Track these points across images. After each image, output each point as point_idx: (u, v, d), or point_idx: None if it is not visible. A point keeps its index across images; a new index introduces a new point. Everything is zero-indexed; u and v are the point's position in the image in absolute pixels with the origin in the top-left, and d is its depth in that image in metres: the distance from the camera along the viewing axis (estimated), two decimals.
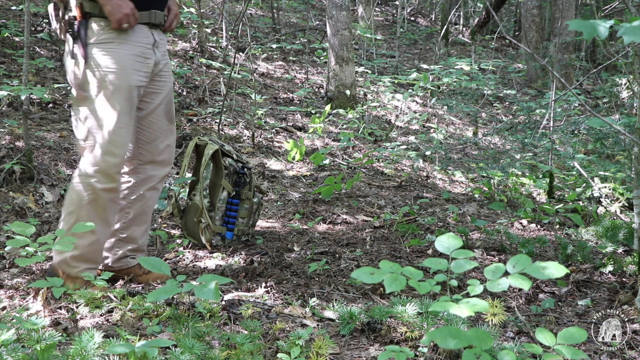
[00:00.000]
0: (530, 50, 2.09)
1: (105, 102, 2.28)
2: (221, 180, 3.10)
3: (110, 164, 2.31)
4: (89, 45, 2.25)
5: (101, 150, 2.29)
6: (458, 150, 5.98)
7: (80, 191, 2.30)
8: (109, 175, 2.31)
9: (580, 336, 1.36)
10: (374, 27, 9.57)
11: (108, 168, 2.30)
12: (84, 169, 2.31)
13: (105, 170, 2.30)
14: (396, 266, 1.38)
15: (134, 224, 2.53)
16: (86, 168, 2.31)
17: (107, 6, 2.23)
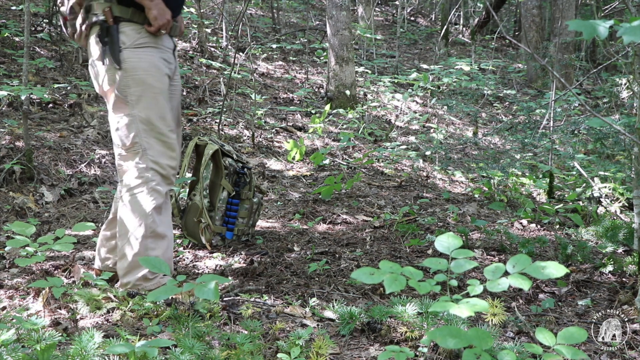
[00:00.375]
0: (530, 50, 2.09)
1: (149, 106, 2.26)
2: (221, 180, 3.10)
3: (168, 166, 2.31)
4: (124, 49, 2.22)
5: (156, 153, 2.27)
6: (458, 150, 5.97)
7: (143, 199, 2.25)
8: (167, 177, 2.31)
9: (580, 336, 1.36)
10: (374, 27, 9.57)
11: (166, 170, 2.30)
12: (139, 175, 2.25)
13: (164, 173, 2.30)
14: (396, 266, 1.39)
15: None
16: (142, 174, 2.25)
17: (153, 10, 2.23)
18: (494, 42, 11.63)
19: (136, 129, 2.25)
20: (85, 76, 5.35)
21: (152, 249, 2.25)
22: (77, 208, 3.58)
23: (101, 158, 4.14)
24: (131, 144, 2.26)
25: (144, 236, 2.25)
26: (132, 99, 2.24)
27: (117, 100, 2.26)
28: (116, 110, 2.28)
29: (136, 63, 2.24)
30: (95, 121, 4.63)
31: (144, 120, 2.26)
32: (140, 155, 2.26)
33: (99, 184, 3.88)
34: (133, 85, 2.23)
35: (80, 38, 2.30)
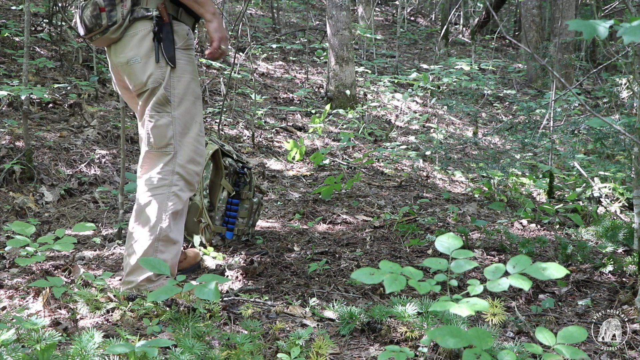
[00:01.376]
0: (530, 50, 2.09)
1: (189, 109, 2.25)
2: (221, 180, 3.10)
3: (194, 173, 2.28)
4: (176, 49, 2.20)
5: (185, 158, 2.25)
6: (458, 150, 5.98)
7: (163, 202, 2.22)
8: (191, 184, 2.29)
9: (580, 335, 1.36)
10: (374, 27, 9.57)
11: (191, 177, 2.28)
12: (164, 177, 2.23)
13: (188, 179, 2.27)
14: (396, 266, 1.39)
15: None
16: (167, 176, 2.23)
17: (214, 22, 2.23)
18: (494, 42, 11.63)
19: (173, 130, 2.23)
20: (85, 76, 5.35)
21: (161, 252, 2.24)
22: (77, 208, 3.58)
23: (101, 158, 4.14)
24: (165, 145, 2.24)
25: (156, 238, 2.23)
26: (175, 100, 2.22)
27: (160, 99, 2.21)
28: (156, 109, 2.23)
29: (184, 65, 2.23)
30: (95, 121, 4.63)
31: (182, 124, 2.24)
32: (171, 157, 2.24)
33: (99, 184, 3.88)
34: (178, 87, 2.22)
35: (118, 31, 2.18)
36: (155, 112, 2.23)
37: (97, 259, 2.81)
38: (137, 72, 2.21)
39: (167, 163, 2.24)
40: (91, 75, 5.25)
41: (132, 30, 2.19)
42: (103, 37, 2.21)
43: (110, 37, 2.20)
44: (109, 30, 2.17)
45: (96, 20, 2.16)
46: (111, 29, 2.17)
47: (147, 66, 2.19)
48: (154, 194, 2.24)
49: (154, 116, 2.23)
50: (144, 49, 2.18)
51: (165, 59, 2.18)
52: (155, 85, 2.20)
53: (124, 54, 2.22)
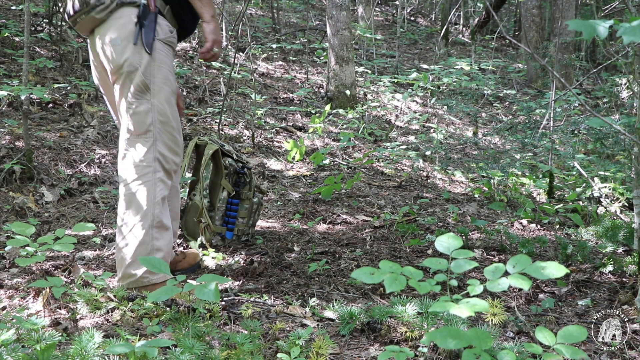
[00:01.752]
0: (530, 50, 2.09)
1: (166, 100, 2.30)
2: (221, 180, 3.09)
3: (172, 162, 2.33)
4: (157, 39, 2.25)
5: (164, 146, 2.29)
6: (458, 150, 5.97)
7: (151, 189, 2.25)
8: (169, 172, 2.34)
9: (580, 335, 1.36)
10: (374, 27, 9.57)
11: (170, 165, 2.32)
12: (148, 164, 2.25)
13: (167, 168, 2.32)
14: (396, 266, 1.39)
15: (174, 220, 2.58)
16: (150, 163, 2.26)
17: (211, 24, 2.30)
18: (494, 42, 11.63)
19: (152, 117, 2.27)
20: (85, 76, 5.35)
21: (157, 239, 2.26)
22: (77, 208, 3.58)
23: (101, 158, 4.14)
24: (144, 131, 2.27)
25: (150, 225, 2.25)
26: (155, 89, 2.27)
27: (139, 85, 2.25)
28: (136, 95, 2.27)
29: (164, 57, 2.29)
30: (95, 121, 4.63)
31: (161, 112, 2.28)
32: (150, 144, 2.27)
33: (99, 184, 3.88)
34: (157, 76, 2.27)
35: (104, 12, 2.24)
36: (135, 99, 2.27)
37: (97, 259, 2.81)
38: (116, 54, 2.26)
39: (148, 150, 2.27)
40: (91, 75, 5.25)
41: (118, 14, 2.25)
42: (88, 16, 2.26)
43: (95, 17, 2.26)
44: (95, 10, 2.23)
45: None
46: (98, 8, 2.23)
47: (125, 49, 2.24)
48: (142, 182, 2.26)
49: (133, 103, 2.27)
50: (126, 33, 2.24)
51: (143, 44, 2.23)
52: (130, 69, 2.24)
53: (107, 35, 2.27)
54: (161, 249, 2.28)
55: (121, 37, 2.24)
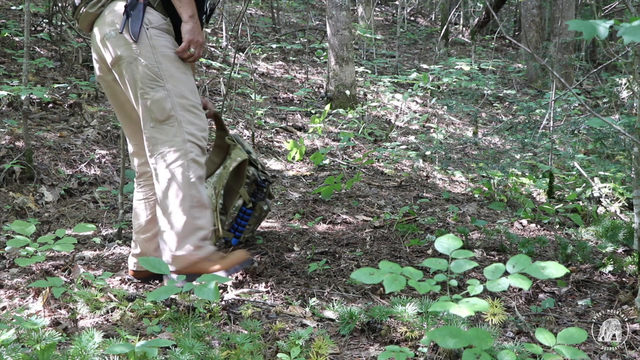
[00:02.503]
0: (530, 50, 2.09)
1: (181, 80, 2.31)
2: (240, 189, 2.95)
3: (203, 138, 2.34)
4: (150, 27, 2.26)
5: (190, 126, 2.30)
6: (458, 150, 5.98)
7: (186, 171, 2.27)
8: (203, 148, 2.35)
9: (580, 336, 1.36)
10: (374, 27, 9.57)
11: (201, 142, 2.34)
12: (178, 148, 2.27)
13: (200, 144, 2.33)
14: (396, 266, 1.39)
15: None
16: (181, 146, 2.27)
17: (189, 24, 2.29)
18: (494, 42, 11.64)
19: (171, 102, 2.28)
20: (85, 76, 5.35)
21: (198, 218, 2.29)
22: (77, 208, 3.58)
23: (101, 158, 4.15)
24: (166, 117, 2.28)
25: (191, 206, 2.27)
26: (165, 74, 2.28)
27: (148, 74, 2.26)
28: (149, 84, 2.27)
29: (164, 42, 2.30)
30: (95, 121, 4.63)
31: (178, 94, 2.29)
32: (176, 128, 2.28)
33: (99, 184, 3.88)
34: (164, 61, 2.27)
35: (96, 6, 2.29)
36: (149, 89, 2.27)
37: (97, 259, 2.81)
38: (111, 46, 2.28)
39: (175, 134, 2.28)
40: (91, 75, 5.25)
41: (110, 7, 2.29)
42: (86, 13, 2.31)
43: (90, 12, 2.30)
44: (89, 4, 2.29)
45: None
46: (92, 2, 2.28)
47: (120, 40, 2.27)
48: (175, 167, 2.27)
49: (148, 92, 2.27)
50: (117, 25, 2.27)
51: (130, 32, 2.24)
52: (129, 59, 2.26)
53: (102, 30, 2.30)
54: (203, 227, 2.32)
55: (114, 29, 2.27)
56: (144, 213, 2.53)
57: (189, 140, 2.29)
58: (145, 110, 2.30)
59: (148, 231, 2.52)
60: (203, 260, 2.31)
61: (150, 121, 2.30)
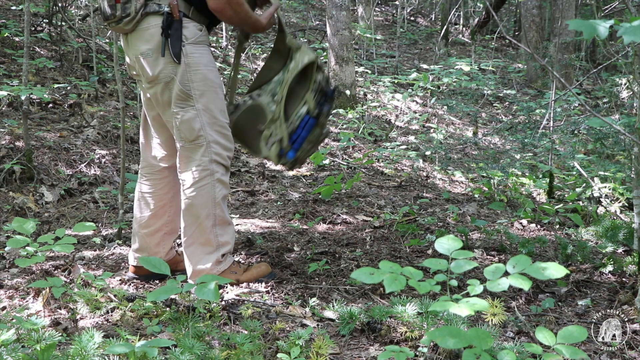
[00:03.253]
0: (530, 50, 2.09)
1: (211, 100, 2.34)
2: (306, 94, 2.62)
3: (228, 158, 2.40)
4: (186, 44, 2.27)
5: (218, 145, 2.35)
6: (458, 150, 5.97)
7: (210, 191, 2.34)
8: (228, 168, 2.41)
9: (580, 335, 1.36)
10: (374, 27, 9.57)
11: (226, 162, 2.39)
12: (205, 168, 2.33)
13: (225, 164, 2.39)
14: (396, 266, 1.39)
15: (177, 216, 2.59)
16: (207, 166, 2.33)
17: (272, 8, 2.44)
18: (494, 42, 11.64)
19: (200, 122, 2.32)
20: (85, 76, 5.35)
21: (221, 235, 2.38)
22: (77, 208, 3.58)
23: (101, 158, 4.15)
24: (195, 137, 2.32)
25: (213, 225, 2.36)
26: (196, 93, 2.31)
27: (179, 94, 2.30)
28: (180, 104, 2.31)
29: (198, 58, 2.31)
30: (95, 121, 4.63)
31: (207, 114, 2.33)
32: (205, 148, 2.33)
33: (99, 184, 3.88)
34: (196, 80, 2.30)
35: (131, 23, 2.26)
36: (179, 108, 2.32)
37: (97, 259, 2.81)
38: (149, 66, 2.30)
39: (203, 154, 2.33)
40: (91, 75, 5.25)
41: (144, 24, 2.27)
42: (117, 26, 2.30)
43: (124, 28, 2.29)
44: (122, 22, 2.26)
45: (111, 11, 2.25)
46: (124, 20, 2.25)
47: (158, 60, 2.28)
48: (200, 186, 2.34)
49: (179, 112, 2.32)
50: (155, 44, 2.27)
51: (171, 54, 2.25)
52: (167, 79, 2.29)
53: (137, 47, 2.31)
54: (227, 243, 2.42)
55: (152, 48, 2.28)
56: (147, 207, 2.55)
57: (215, 161, 2.35)
58: (176, 129, 2.35)
59: (150, 226, 2.54)
60: (225, 273, 2.40)
61: (179, 140, 2.35)
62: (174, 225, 2.60)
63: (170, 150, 2.51)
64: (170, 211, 2.57)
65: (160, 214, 2.55)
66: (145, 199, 2.55)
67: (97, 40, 5.80)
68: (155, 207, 2.54)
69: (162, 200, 2.54)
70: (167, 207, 2.56)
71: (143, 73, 2.33)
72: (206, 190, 2.33)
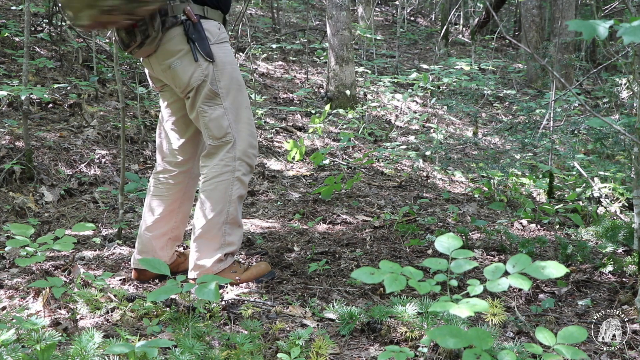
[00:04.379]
0: (530, 50, 2.09)
1: (238, 97, 2.37)
2: None
3: (253, 156, 2.42)
4: (211, 45, 2.31)
5: (244, 143, 2.37)
6: (458, 150, 5.97)
7: (227, 187, 2.35)
8: (251, 167, 2.43)
9: (580, 335, 1.36)
10: (374, 27, 9.57)
11: (251, 160, 2.42)
12: (227, 164, 2.35)
13: (249, 163, 2.41)
14: (396, 266, 1.38)
15: (182, 223, 2.62)
16: (230, 163, 2.35)
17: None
18: (494, 42, 11.64)
19: (228, 120, 2.35)
20: (85, 76, 5.35)
21: (229, 235, 2.39)
22: (77, 208, 3.58)
23: (101, 158, 4.15)
24: (224, 134, 2.36)
25: (224, 222, 2.37)
26: (223, 92, 2.34)
27: (208, 94, 2.33)
28: (207, 103, 2.34)
29: (223, 57, 2.35)
30: (95, 121, 4.63)
31: (234, 112, 2.36)
32: (231, 145, 2.36)
33: (99, 184, 3.88)
34: (222, 79, 2.33)
35: (153, 43, 2.27)
36: (207, 107, 2.35)
37: (97, 259, 2.81)
38: (180, 75, 2.32)
39: (228, 150, 2.36)
40: (91, 75, 5.25)
41: (167, 38, 2.29)
42: (140, 50, 2.31)
43: (147, 50, 2.31)
44: (144, 44, 2.28)
45: (131, 37, 2.27)
46: (146, 42, 2.27)
47: (187, 67, 2.30)
48: (219, 181, 2.35)
49: (207, 110, 2.35)
50: (182, 52, 2.30)
51: (203, 55, 2.29)
52: (198, 82, 2.32)
53: (165, 61, 2.33)
54: (233, 244, 2.41)
55: (180, 57, 2.30)
56: (156, 210, 2.55)
57: (239, 158, 2.37)
58: (204, 127, 2.38)
59: (156, 229, 2.54)
60: (225, 272, 2.40)
61: (208, 138, 2.38)
62: (179, 232, 2.61)
63: (187, 155, 2.54)
64: (178, 217, 2.58)
65: (168, 218, 2.55)
66: (156, 202, 2.55)
67: (97, 40, 5.81)
68: (164, 212, 2.54)
69: (171, 206, 2.55)
70: (175, 212, 2.56)
71: (176, 84, 2.36)
72: (224, 186, 2.35)
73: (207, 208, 2.37)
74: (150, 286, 2.48)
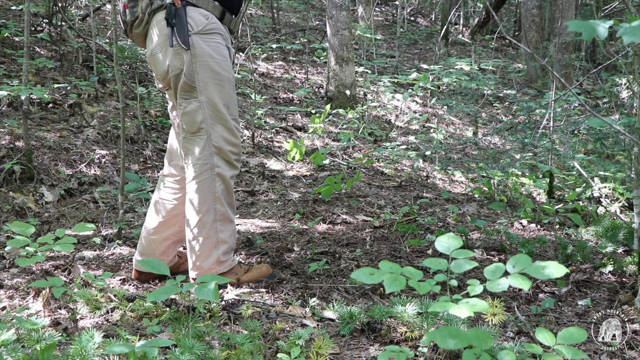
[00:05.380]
0: (530, 50, 2.09)
1: (215, 92, 2.29)
2: None
3: (230, 152, 2.35)
4: (192, 34, 2.23)
5: (219, 139, 2.31)
6: (458, 150, 5.97)
7: (210, 185, 2.32)
8: (231, 163, 2.37)
9: (580, 336, 1.36)
10: (374, 27, 9.57)
11: (228, 156, 2.35)
12: (205, 162, 2.31)
13: (229, 159, 2.35)
14: (396, 266, 1.38)
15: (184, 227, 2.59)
16: (207, 160, 2.31)
17: None
18: (494, 42, 11.64)
19: (203, 114, 2.29)
20: (85, 76, 5.35)
21: (221, 232, 2.35)
22: (77, 208, 3.58)
23: (101, 158, 4.14)
24: (197, 130, 2.31)
25: (214, 220, 2.33)
26: (200, 85, 2.27)
27: (184, 86, 2.28)
28: (183, 95, 2.30)
29: (205, 49, 2.26)
30: (95, 121, 4.63)
31: (211, 107, 2.30)
32: (205, 141, 2.31)
33: (99, 184, 3.88)
34: (201, 72, 2.26)
35: (141, 25, 2.26)
36: (183, 99, 2.30)
37: (97, 259, 2.81)
38: (160, 62, 2.29)
39: (203, 147, 2.31)
40: (91, 75, 5.25)
41: (153, 22, 2.27)
42: (133, 33, 2.30)
43: (137, 32, 2.30)
44: (133, 26, 2.27)
45: (123, 17, 2.27)
46: (135, 23, 2.27)
47: (165, 55, 2.27)
48: (200, 180, 2.32)
49: (182, 103, 2.31)
50: (163, 37, 2.26)
51: (179, 42, 2.22)
52: (176, 72, 2.27)
53: (150, 47, 2.31)
54: (226, 241, 2.37)
55: (159, 43, 2.27)
56: (161, 213, 2.54)
57: (215, 154, 2.31)
58: (180, 120, 2.34)
59: (159, 232, 2.53)
60: (225, 273, 2.39)
61: (182, 131, 2.34)
62: (182, 236, 2.59)
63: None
64: (182, 222, 2.55)
65: (172, 222, 2.53)
66: (161, 205, 2.53)
67: (97, 40, 5.80)
68: (168, 215, 2.53)
69: (176, 209, 2.53)
70: (179, 216, 2.54)
71: (157, 72, 2.33)
72: (206, 185, 2.31)
73: (195, 209, 2.34)
74: (150, 286, 2.48)
